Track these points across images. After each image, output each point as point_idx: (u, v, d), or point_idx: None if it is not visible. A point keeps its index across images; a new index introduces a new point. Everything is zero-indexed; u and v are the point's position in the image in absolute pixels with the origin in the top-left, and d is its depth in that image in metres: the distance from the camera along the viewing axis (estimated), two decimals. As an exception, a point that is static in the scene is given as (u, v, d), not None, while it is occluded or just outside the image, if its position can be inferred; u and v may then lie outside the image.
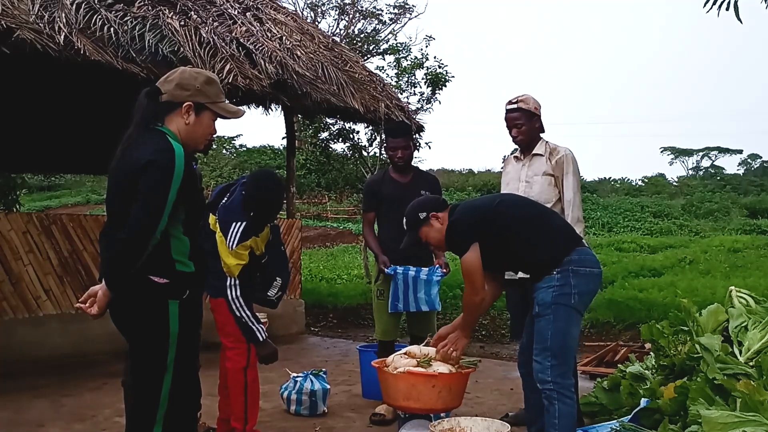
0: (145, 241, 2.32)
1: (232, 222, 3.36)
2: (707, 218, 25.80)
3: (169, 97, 2.48)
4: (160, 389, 2.46)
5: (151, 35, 5.58)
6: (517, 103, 3.95)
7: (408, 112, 8.06)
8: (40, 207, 27.95)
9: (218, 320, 3.62)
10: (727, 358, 3.49)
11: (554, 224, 3.26)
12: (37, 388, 5.03)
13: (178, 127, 2.49)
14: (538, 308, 3.09)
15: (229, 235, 3.34)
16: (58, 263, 6.00)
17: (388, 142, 4.55)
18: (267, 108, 6.94)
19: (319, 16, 28.08)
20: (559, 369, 3.02)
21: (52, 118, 8.57)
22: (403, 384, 3.30)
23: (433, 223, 3.25)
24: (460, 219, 3.19)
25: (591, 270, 3.11)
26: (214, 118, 2.56)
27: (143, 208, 2.32)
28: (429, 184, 4.47)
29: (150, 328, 2.46)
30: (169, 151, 2.36)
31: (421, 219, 3.26)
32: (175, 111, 2.48)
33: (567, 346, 3.06)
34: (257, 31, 6.70)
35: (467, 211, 3.24)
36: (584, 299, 3.11)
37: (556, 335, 3.02)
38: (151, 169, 2.32)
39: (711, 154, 60.27)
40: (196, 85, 2.49)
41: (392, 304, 4.31)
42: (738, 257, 12.10)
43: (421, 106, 11.33)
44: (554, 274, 3.05)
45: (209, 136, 2.59)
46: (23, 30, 4.82)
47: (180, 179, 2.35)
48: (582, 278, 3.06)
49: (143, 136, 2.42)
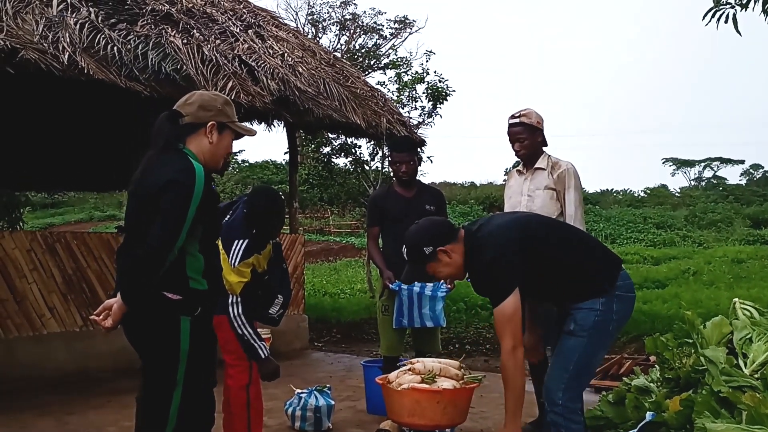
0: (163, 257, 2.38)
1: (235, 239, 3.35)
2: (710, 229, 25.77)
3: (192, 118, 2.58)
4: (169, 405, 2.49)
5: (154, 54, 5.63)
6: (520, 118, 3.94)
7: (409, 126, 8.09)
8: (44, 224, 28.02)
9: (221, 337, 3.55)
10: (732, 371, 3.48)
11: (597, 247, 3.03)
12: (41, 407, 5.02)
13: (200, 148, 2.59)
14: (573, 326, 2.87)
15: (232, 252, 3.34)
16: (62, 281, 6.01)
17: (392, 156, 4.58)
18: (269, 124, 6.99)
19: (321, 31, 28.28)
20: (572, 392, 2.87)
21: (56, 137, 8.63)
22: (408, 400, 3.25)
23: (442, 258, 2.90)
24: (495, 261, 2.77)
25: (632, 296, 2.97)
26: (233, 137, 2.68)
27: (163, 225, 2.38)
28: (434, 199, 4.49)
29: (161, 344, 2.49)
30: (190, 170, 2.44)
31: (426, 254, 2.90)
32: (198, 132, 2.59)
33: (588, 371, 2.94)
34: (259, 48, 6.75)
35: (500, 247, 2.80)
36: (621, 324, 2.96)
37: (582, 358, 2.86)
38: (172, 187, 2.39)
39: (713, 165, 60.32)
40: (217, 105, 2.62)
41: (397, 320, 4.31)
42: (742, 268, 12.07)
43: (423, 120, 11.38)
44: (599, 299, 2.85)
45: (228, 154, 2.69)
46: (28, 50, 4.87)
47: (200, 197, 2.43)
48: (623, 303, 2.90)
49: (164, 157, 2.49)
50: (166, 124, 2.54)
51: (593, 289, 2.85)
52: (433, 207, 4.40)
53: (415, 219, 4.36)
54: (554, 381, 2.87)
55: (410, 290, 4.26)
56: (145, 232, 2.39)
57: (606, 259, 2.95)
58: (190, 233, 2.43)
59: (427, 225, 3.02)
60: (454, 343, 8.07)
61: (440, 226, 3.00)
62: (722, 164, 60.11)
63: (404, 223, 4.37)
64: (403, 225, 4.37)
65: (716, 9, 5.12)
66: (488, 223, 2.97)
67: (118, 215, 30.02)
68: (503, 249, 2.79)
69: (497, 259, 2.78)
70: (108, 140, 8.76)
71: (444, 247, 2.88)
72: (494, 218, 3.05)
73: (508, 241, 2.81)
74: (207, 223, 2.53)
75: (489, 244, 2.83)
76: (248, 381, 3.56)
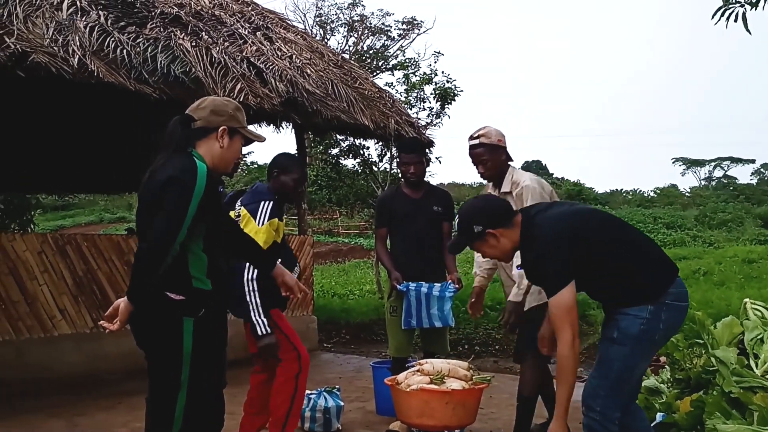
0: (164, 252, 2.39)
1: (261, 201, 3.44)
2: (721, 229, 25.60)
3: (204, 123, 2.61)
4: (174, 407, 2.49)
5: (163, 56, 5.65)
6: (479, 138, 3.78)
7: (418, 127, 8.09)
8: (54, 227, 28.20)
9: None
10: (743, 371, 3.46)
11: (652, 252, 2.86)
12: (51, 408, 5.05)
13: (210, 152, 2.61)
14: (617, 334, 2.73)
15: (259, 212, 3.40)
16: (72, 283, 6.05)
17: (401, 157, 4.58)
18: (278, 126, 7.00)
19: (329, 33, 28.31)
20: (610, 400, 2.73)
21: (66, 139, 8.68)
22: (417, 401, 3.26)
23: (489, 240, 2.83)
24: (545, 255, 2.70)
25: (683, 305, 2.78)
26: (243, 142, 2.72)
27: (163, 220, 2.40)
28: (442, 200, 4.48)
29: (163, 345, 2.49)
30: (192, 168, 2.47)
31: (475, 233, 2.82)
32: (209, 136, 2.62)
33: (630, 381, 2.78)
34: (267, 50, 6.77)
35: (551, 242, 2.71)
36: (668, 334, 2.81)
37: (624, 368, 2.73)
38: (172, 184, 2.42)
39: (723, 164, 60.01)
40: (229, 111, 2.66)
41: (405, 321, 4.31)
42: (753, 268, 11.97)
43: (431, 121, 11.38)
44: (647, 306, 2.70)
45: (237, 158, 2.73)
46: (38, 53, 4.90)
47: (201, 194, 2.44)
48: (673, 312, 2.73)
49: (171, 158, 2.51)
50: (178, 128, 2.57)
51: (641, 295, 2.72)
52: (440, 209, 4.40)
53: (422, 220, 4.38)
54: (593, 387, 2.77)
55: (418, 291, 4.26)
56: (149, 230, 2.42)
57: (660, 265, 2.80)
58: (192, 231, 2.45)
59: (483, 203, 2.93)
60: (464, 344, 8.06)
61: (496, 208, 2.89)
62: (733, 164, 59.80)
63: (411, 224, 4.38)
64: (410, 226, 4.38)
65: (726, 8, 5.09)
66: (546, 211, 2.86)
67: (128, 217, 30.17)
68: (553, 244, 2.70)
69: (547, 253, 2.70)
70: (117, 142, 8.81)
71: (494, 230, 2.80)
72: (554, 207, 2.94)
73: (559, 237, 2.71)
74: (210, 223, 2.54)
75: (540, 235, 2.74)
76: (298, 370, 3.56)
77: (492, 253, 2.90)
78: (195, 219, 2.44)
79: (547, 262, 2.69)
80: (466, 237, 2.86)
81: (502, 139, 3.81)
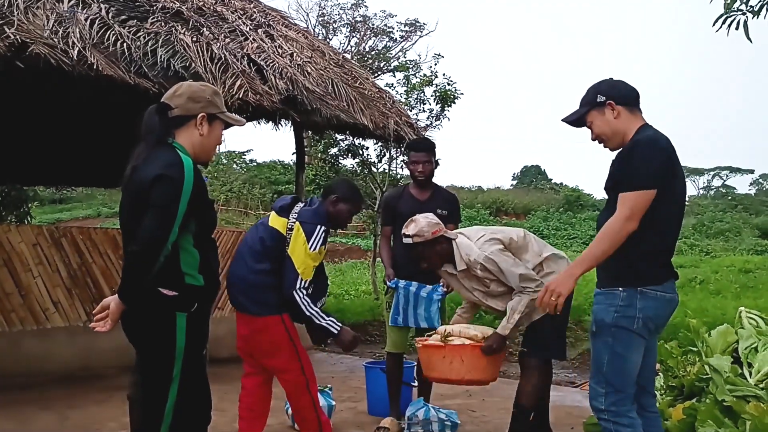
0: (156, 253, 2.34)
1: (319, 224, 3.37)
2: (718, 238, 25.63)
3: (181, 111, 2.54)
4: (165, 402, 2.47)
5: (164, 51, 5.64)
6: (413, 238, 3.69)
7: (417, 128, 8.08)
8: (52, 220, 28.14)
9: (265, 340, 3.41)
10: (736, 380, 3.46)
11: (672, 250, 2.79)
12: (43, 400, 5.04)
13: (191, 140, 2.56)
14: (595, 327, 2.72)
15: (314, 236, 3.33)
16: (67, 276, 6.03)
17: (409, 156, 4.57)
18: (277, 123, 6.98)
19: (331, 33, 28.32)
20: (615, 396, 2.68)
21: (65, 132, 8.66)
22: (422, 356, 3.81)
23: (606, 113, 2.76)
24: (649, 153, 2.61)
25: (663, 295, 2.68)
26: (223, 127, 2.66)
27: (154, 220, 2.34)
28: (447, 203, 4.46)
29: (157, 340, 2.47)
30: (179, 164, 2.41)
31: (597, 102, 2.77)
32: (187, 124, 2.55)
33: (625, 372, 2.69)
34: (268, 48, 6.76)
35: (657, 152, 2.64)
36: (649, 325, 2.67)
37: (614, 361, 2.67)
38: (161, 182, 2.36)
39: (722, 174, 60.02)
40: (206, 96, 2.58)
41: (392, 318, 4.36)
42: (749, 278, 11.99)
43: (431, 122, 11.38)
44: (619, 291, 2.65)
45: (218, 145, 2.67)
46: (37, 44, 4.88)
47: (190, 191, 2.39)
48: (650, 302, 2.65)
49: (153, 151, 2.46)
50: (155, 117, 2.50)
51: (623, 271, 2.64)
52: (445, 212, 4.35)
53: None
54: (593, 388, 2.75)
55: (407, 290, 4.30)
56: (137, 229, 2.36)
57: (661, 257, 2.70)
58: (182, 228, 2.40)
59: (617, 81, 2.86)
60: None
61: (628, 89, 2.82)
62: (732, 173, 59.80)
63: None
64: None
65: (727, 15, 5.09)
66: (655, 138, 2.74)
67: (125, 212, 30.00)
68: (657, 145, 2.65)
69: (647, 145, 2.62)
70: (116, 136, 8.77)
71: (616, 106, 2.74)
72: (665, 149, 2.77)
73: (664, 150, 2.66)
74: (200, 217, 2.49)
75: (652, 131, 2.70)
76: (306, 380, 3.45)
77: (601, 130, 2.79)
78: (185, 216, 2.39)
79: (645, 161, 2.60)
80: (585, 103, 2.81)
81: (437, 230, 3.70)
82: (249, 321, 3.42)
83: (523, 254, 3.70)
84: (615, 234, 2.59)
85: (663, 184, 2.61)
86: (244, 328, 3.48)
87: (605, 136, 2.80)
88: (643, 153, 2.62)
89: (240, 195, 30.76)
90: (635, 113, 2.78)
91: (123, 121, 8.30)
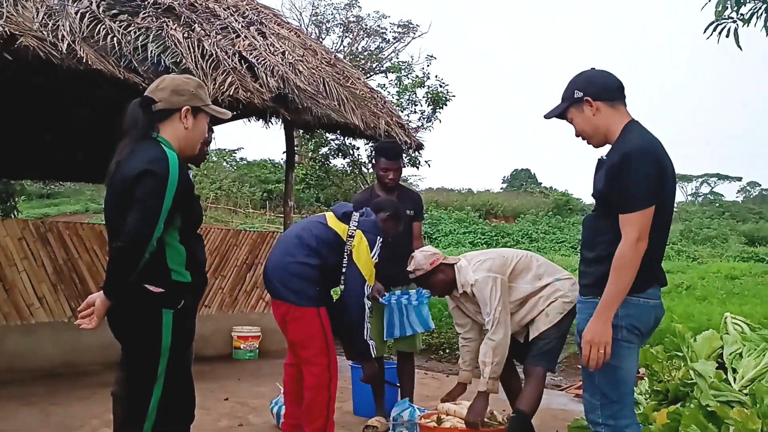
0: (141, 249, 2.32)
1: (378, 236, 3.64)
2: (705, 244, 25.78)
3: (165, 104, 2.52)
4: (149, 399, 2.44)
5: (154, 46, 5.61)
6: (415, 273, 3.87)
7: (408, 129, 8.07)
8: (39, 215, 27.91)
9: (299, 331, 3.58)
10: (721, 385, 3.47)
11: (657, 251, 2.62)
12: (26, 397, 4.99)
13: (175, 134, 2.53)
14: (579, 338, 2.58)
15: (376, 246, 3.61)
16: (52, 271, 5.98)
17: (379, 162, 4.55)
18: (267, 122, 6.95)
19: (324, 32, 28.31)
20: (611, 408, 2.57)
21: (53, 126, 8.59)
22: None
23: (585, 110, 2.62)
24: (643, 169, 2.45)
25: (647, 301, 2.58)
26: (208, 120, 2.64)
27: (138, 216, 2.32)
28: (413, 203, 4.58)
29: (142, 337, 2.44)
30: (164, 159, 2.38)
31: (575, 98, 2.63)
32: (171, 117, 2.53)
33: (620, 381, 2.58)
34: (260, 45, 6.73)
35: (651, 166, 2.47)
36: (634, 332, 2.57)
37: (606, 372, 2.54)
38: (145, 177, 2.33)
39: (710, 181, 60.48)
40: (190, 89, 2.56)
41: (388, 332, 4.41)
42: (735, 284, 12.06)
43: (422, 124, 11.40)
44: (598, 299, 2.52)
45: (204, 139, 2.63)
46: (27, 37, 4.84)
47: (175, 187, 2.36)
48: (632, 308, 2.54)
49: (137, 146, 2.43)
50: (138, 111, 2.48)
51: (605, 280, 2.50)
52: (413, 212, 4.50)
53: None
54: (588, 401, 2.65)
55: (399, 302, 4.37)
56: (122, 224, 2.33)
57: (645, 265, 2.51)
58: (168, 223, 2.38)
59: (596, 74, 2.70)
60: (444, 348, 8.03)
61: (609, 82, 2.65)
62: (720, 180, 60.27)
63: None
64: None
65: (718, 23, 5.13)
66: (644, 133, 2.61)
67: (113, 208, 29.80)
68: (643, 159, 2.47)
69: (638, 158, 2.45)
70: (105, 132, 8.71)
71: (594, 102, 2.59)
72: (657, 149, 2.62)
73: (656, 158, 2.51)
74: (185, 213, 2.46)
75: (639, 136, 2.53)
76: (329, 379, 3.57)
77: (582, 127, 2.66)
78: (170, 212, 2.36)
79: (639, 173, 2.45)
80: (564, 98, 2.68)
81: (434, 260, 3.84)
82: (286, 309, 3.57)
83: (522, 276, 3.78)
84: (631, 261, 2.45)
85: (658, 196, 2.51)
86: (280, 317, 3.65)
87: (585, 134, 2.69)
88: (637, 170, 2.45)
89: (229, 193, 30.65)
90: (617, 107, 2.62)
91: (112, 116, 8.27)
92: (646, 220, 2.46)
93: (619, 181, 2.48)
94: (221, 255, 7.27)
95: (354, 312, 3.54)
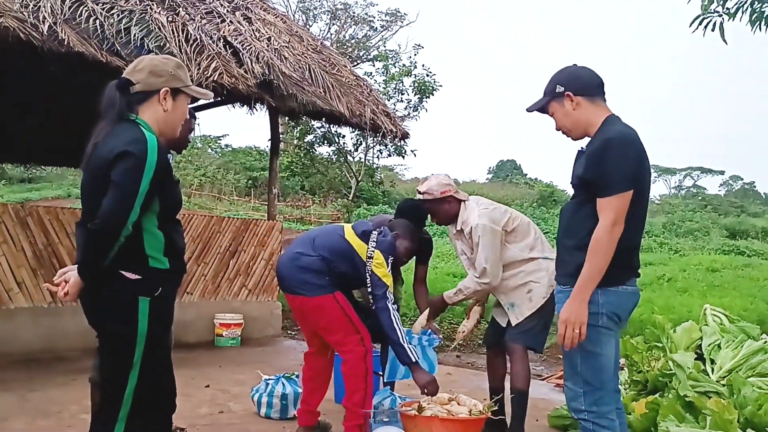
0: (116, 231, 2.27)
1: (390, 255, 3.68)
2: (687, 237, 26.02)
3: (143, 86, 2.46)
4: (124, 387, 2.41)
5: (138, 29, 5.54)
6: (424, 195, 3.92)
7: (394, 118, 8.05)
8: (20, 199, 27.60)
9: (320, 319, 3.65)
10: (699, 376, 3.51)
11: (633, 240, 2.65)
12: (4, 382, 4.94)
13: (154, 116, 2.47)
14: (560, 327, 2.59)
15: (388, 263, 3.68)
16: (32, 255, 5.91)
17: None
18: (252, 108, 6.90)
19: (311, 19, 28.12)
20: (594, 395, 2.60)
21: (34, 109, 8.47)
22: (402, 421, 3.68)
23: (566, 104, 2.68)
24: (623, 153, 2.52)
25: (625, 288, 2.62)
26: (188, 101, 2.58)
27: (115, 198, 2.27)
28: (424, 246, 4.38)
29: (118, 324, 2.40)
30: (141, 141, 2.33)
31: (556, 92, 2.69)
32: (150, 99, 2.47)
33: (601, 368, 2.61)
34: (245, 31, 6.67)
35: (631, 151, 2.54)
36: (614, 318, 2.60)
37: (588, 359, 2.59)
38: (123, 159, 2.28)
39: (694, 174, 61.05)
40: (169, 70, 2.49)
41: (390, 373, 4.28)
42: (716, 277, 12.19)
43: (408, 113, 11.37)
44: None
45: (184, 120, 2.59)
46: (7, 18, 4.76)
47: (153, 169, 2.31)
48: (611, 296, 2.57)
49: (116, 128, 2.38)
50: (116, 93, 2.42)
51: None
52: None
53: None
54: (571, 389, 2.68)
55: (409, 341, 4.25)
56: (98, 207, 2.28)
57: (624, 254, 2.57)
58: (146, 208, 2.33)
59: (578, 70, 2.76)
60: (428, 337, 8.07)
61: (589, 78, 2.71)
62: (703, 174, 60.86)
63: None
64: None
65: (704, 17, 5.14)
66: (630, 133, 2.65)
67: (96, 193, 29.51)
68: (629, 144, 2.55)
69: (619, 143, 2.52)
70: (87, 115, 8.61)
71: (575, 96, 2.65)
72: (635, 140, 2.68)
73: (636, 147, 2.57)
74: (164, 196, 2.41)
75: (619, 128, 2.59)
76: (364, 352, 3.65)
77: (563, 122, 2.72)
78: (148, 195, 2.31)
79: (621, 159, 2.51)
80: (546, 93, 2.74)
81: (446, 190, 3.89)
82: (300, 302, 3.65)
83: (516, 240, 3.84)
84: (606, 244, 2.49)
85: (636, 182, 2.56)
86: (297, 309, 3.72)
87: (566, 128, 2.74)
88: (617, 154, 2.51)
89: (214, 180, 30.45)
90: (597, 103, 2.68)
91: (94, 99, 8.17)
92: (623, 204, 2.50)
93: (599, 165, 2.53)
94: (204, 242, 7.22)
95: (385, 321, 3.61)
